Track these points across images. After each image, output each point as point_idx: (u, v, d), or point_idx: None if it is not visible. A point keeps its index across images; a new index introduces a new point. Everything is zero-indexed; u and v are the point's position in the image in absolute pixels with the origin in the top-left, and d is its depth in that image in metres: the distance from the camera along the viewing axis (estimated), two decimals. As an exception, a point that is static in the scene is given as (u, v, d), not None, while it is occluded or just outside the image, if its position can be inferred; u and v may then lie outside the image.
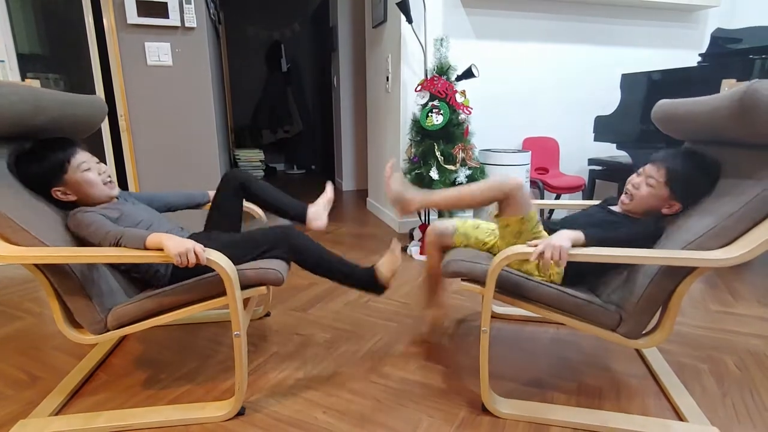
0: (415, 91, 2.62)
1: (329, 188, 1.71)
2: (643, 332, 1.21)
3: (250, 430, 1.22)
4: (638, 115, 2.46)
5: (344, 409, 1.30)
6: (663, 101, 1.45)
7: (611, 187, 3.44)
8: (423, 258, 2.61)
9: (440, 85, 2.52)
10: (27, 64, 2.84)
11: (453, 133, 2.57)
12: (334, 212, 3.86)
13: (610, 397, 1.35)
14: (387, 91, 3.22)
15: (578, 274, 1.29)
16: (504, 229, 1.32)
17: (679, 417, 1.26)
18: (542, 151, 3.31)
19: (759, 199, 1.04)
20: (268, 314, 1.91)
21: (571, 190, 3.11)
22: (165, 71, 2.48)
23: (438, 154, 2.52)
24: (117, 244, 1.13)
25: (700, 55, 2.30)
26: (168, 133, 2.54)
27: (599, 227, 1.34)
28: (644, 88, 2.43)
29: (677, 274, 1.11)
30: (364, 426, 1.23)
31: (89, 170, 1.27)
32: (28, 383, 1.43)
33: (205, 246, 1.16)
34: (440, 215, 1.57)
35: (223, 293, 1.18)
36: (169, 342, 1.69)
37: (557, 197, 3.36)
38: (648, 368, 1.50)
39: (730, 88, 1.51)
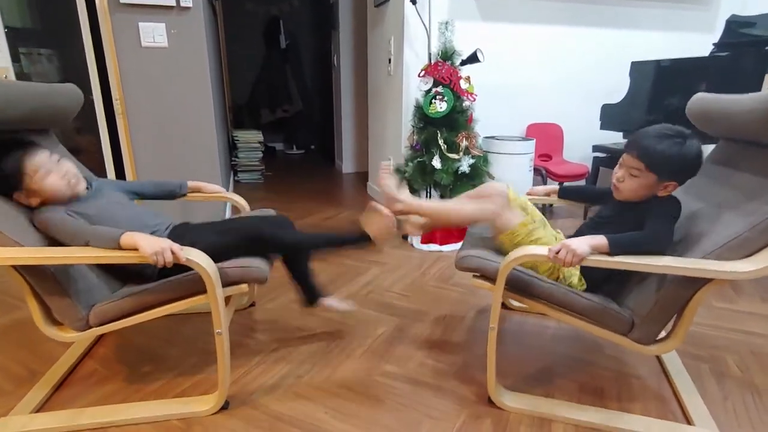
0: (419, 76, 2.54)
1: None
2: (657, 338, 1.20)
3: (237, 424, 1.22)
4: (647, 104, 2.40)
5: (345, 410, 1.30)
6: (699, 95, 1.37)
7: (615, 175, 3.40)
8: (425, 247, 2.59)
9: (444, 71, 2.45)
10: (18, 38, 2.75)
11: (456, 120, 2.51)
12: (333, 196, 3.82)
13: (614, 396, 1.35)
14: (389, 73, 3.14)
15: (605, 279, 1.27)
16: (502, 243, 1.36)
17: (687, 420, 1.26)
18: (546, 138, 3.25)
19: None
20: (253, 304, 1.90)
21: (574, 178, 3.07)
22: (160, 53, 2.40)
23: (441, 142, 2.47)
24: (87, 245, 1.11)
25: (714, 44, 2.23)
26: (164, 116, 2.48)
27: (622, 224, 1.30)
28: (654, 77, 2.36)
29: (694, 283, 1.09)
30: (366, 426, 1.23)
31: (48, 175, 1.18)
32: (28, 378, 1.42)
33: (189, 240, 1.14)
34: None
35: (205, 291, 1.16)
36: (157, 330, 1.68)
37: (561, 185, 3.32)
38: (661, 366, 1.50)
39: None
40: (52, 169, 1.19)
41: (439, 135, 2.48)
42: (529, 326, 1.76)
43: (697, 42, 3.44)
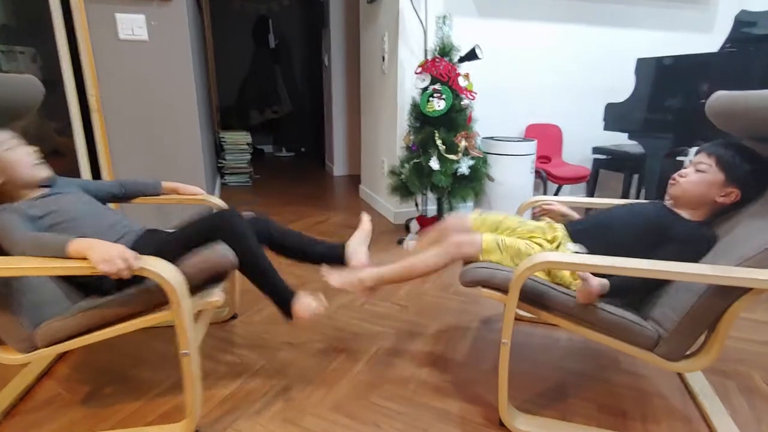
0: (416, 73, 2.42)
1: (365, 219, 1.56)
2: (686, 353, 1.07)
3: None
4: (655, 102, 2.30)
5: (341, 438, 1.15)
6: (720, 93, 1.27)
7: (616, 178, 3.31)
8: (421, 253, 2.46)
9: (442, 67, 2.33)
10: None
11: (455, 119, 2.39)
12: (324, 200, 3.68)
13: (637, 417, 1.23)
14: (383, 72, 3.01)
15: (623, 288, 1.15)
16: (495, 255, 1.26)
17: (717, 448, 1.14)
18: (545, 139, 3.15)
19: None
20: (234, 316, 1.74)
21: (574, 180, 2.97)
22: (140, 47, 2.24)
23: (439, 142, 2.34)
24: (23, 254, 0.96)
25: (728, 40, 2.13)
26: (145, 114, 2.32)
27: (637, 234, 1.21)
28: (662, 74, 2.27)
29: (731, 294, 0.97)
30: (363, 460, 1.09)
31: (14, 149, 1.12)
32: None
33: (155, 248, 0.99)
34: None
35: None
36: (128, 346, 1.52)
37: (559, 188, 3.22)
38: (683, 383, 1.38)
39: None
40: (15, 147, 1.12)
41: (436, 135, 2.35)
42: (538, 338, 1.64)
43: (696, 41, 3.37)
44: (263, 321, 1.73)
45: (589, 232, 1.29)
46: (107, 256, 0.91)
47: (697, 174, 1.18)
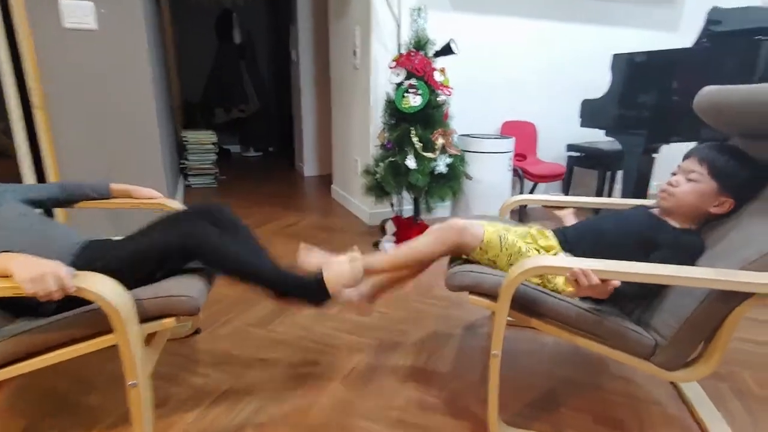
0: (390, 68, 2.31)
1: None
2: (685, 362, 1.01)
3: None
4: (630, 98, 2.28)
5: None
6: (708, 88, 1.22)
7: (590, 176, 3.31)
8: (398, 255, 2.36)
9: (418, 61, 2.23)
10: None
11: (431, 116, 2.30)
12: (295, 201, 3.53)
13: (635, 428, 1.16)
14: (355, 67, 2.90)
15: (614, 295, 1.08)
16: (481, 259, 1.15)
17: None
18: (520, 136, 3.10)
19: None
20: (197, 331, 1.59)
21: (551, 178, 2.94)
22: (88, 36, 2.04)
23: (415, 140, 2.24)
24: None
25: (702, 36, 2.13)
26: (95, 111, 2.12)
27: (627, 243, 1.15)
28: (637, 70, 2.24)
29: (733, 298, 0.91)
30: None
31: None
32: None
33: (103, 262, 0.85)
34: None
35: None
36: (74, 369, 1.35)
37: (534, 186, 3.19)
38: (676, 388, 1.32)
39: None
40: None
41: (413, 132, 2.25)
42: (523, 343, 1.56)
43: (666, 40, 3.42)
44: (230, 335, 1.58)
45: (579, 242, 1.22)
46: (36, 273, 0.76)
47: (689, 184, 1.11)
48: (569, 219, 1.45)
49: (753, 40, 1.82)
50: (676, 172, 1.17)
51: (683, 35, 3.42)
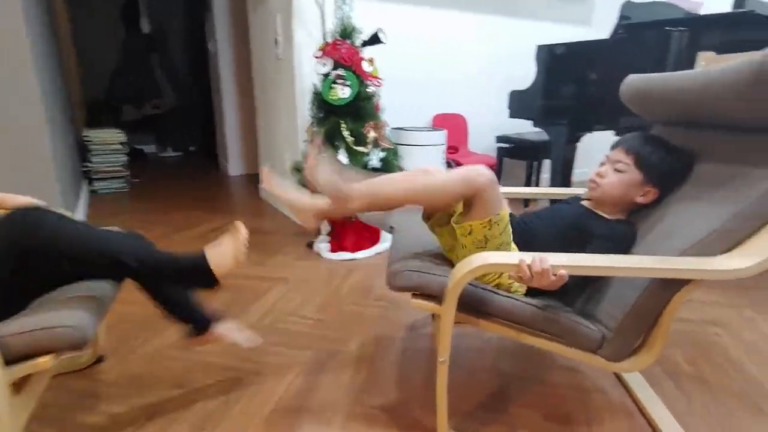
0: (315, 57, 2.17)
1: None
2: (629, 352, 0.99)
3: None
4: (554, 89, 2.33)
5: None
6: (633, 76, 1.23)
7: (519, 166, 3.38)
8: (334, 256, 2.24)
9: (345, 50, 2.11)
10: None
11: (362, 108, 2.19)
12: (220, 203, 3.27)
13: (582, 421, 1.14)
14: (277, 57, 2.71)
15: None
16: (465, 237, 1.00)
17: (661, 441, 1.09)
18: (451, 129, 3.09)
19: (771, 193, 0.85)
20: (99, 360, 1.37)
21: (483, 169, 2.95)
22: (-54, 16, 1.70)
23: (346, 133, 2.13)
24: None
25: (618, 27, 2.21)
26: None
27: (561, 238, 1.12)
28: (560, 61, 2.29)
29: (673, 284, 0.90)
30: None
31: None
32: None
33: None
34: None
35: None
36: None
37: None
38: (617, 376, 1.33)
39: (707, 62, 1.34)
40: None
41: (343, 125, 2.13)
42: (467, 340, 1.51)
43: (580, 35, 3.58)
44: (143, 360, 1.37)
45: (515, 238, 1.17)
46: None
47: (616, 175, 1.11)
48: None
49: (664, 30, 1.91)
50: (604, 162, 1.16)
51: (597, 30, 3.60)
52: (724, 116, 0.97)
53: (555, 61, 2.34)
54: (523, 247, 1.13)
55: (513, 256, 0.86)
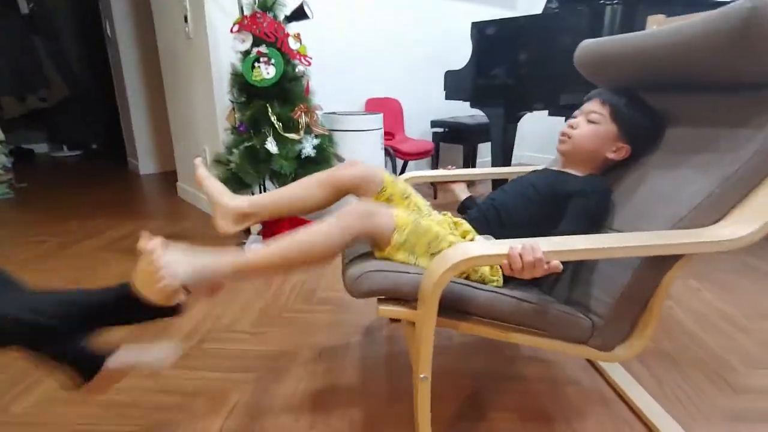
0: (232, 32, 1.90)
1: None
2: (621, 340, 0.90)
3: None
4: (490, 67, 2.25)
5: None
6: (588, 41, 1.15)
7: (456, 150, 3.32)
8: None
9: (266, 25, 1.87)
10: None
11: (290, 90, 1.97)
12: (130, 206, 2.87)
13: (560, 417, 1.05)
14: (188, 36, 2.38)
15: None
16: (397, 257, 0.87)
17: (648, 426, 1.02)
18: (386, 114, 2.94)
19: (760, 156, 0.78)
20: None
21: (421, 155, 2.85)
22: None
23: (274, 119, 1.89)
24: None
25: (550, 1, 2.18)
26: None
27: (535, 207, 1.03)
28: (495, 38, 2.22)
29: (666, 261, 0.81)
30: None
31: None
32: None
33: None
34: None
35: None
36: None
37: (405, 164, 3.07)
38: (589, 362, 1.26)
39: (659, 24, 1.29)
40: None
41: (270, 110, 1.89)
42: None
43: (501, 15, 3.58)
44: (29, 413, 1.08)
45: (486, 219, 1.06)
46: None
47: (589, 126, 1.05)
48: (463, 193, 1.31)
49: (598, 4, 1.89)
50: (576, 114, 1.09)
51: (522, 11, 3.62)
52: (698, 74, 0.90)
53: (488, 38, 2.26)
54: (498, 227, 1.02)
55: (500, 245, 0.72)
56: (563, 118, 2.92)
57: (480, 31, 2.28)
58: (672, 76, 0.97)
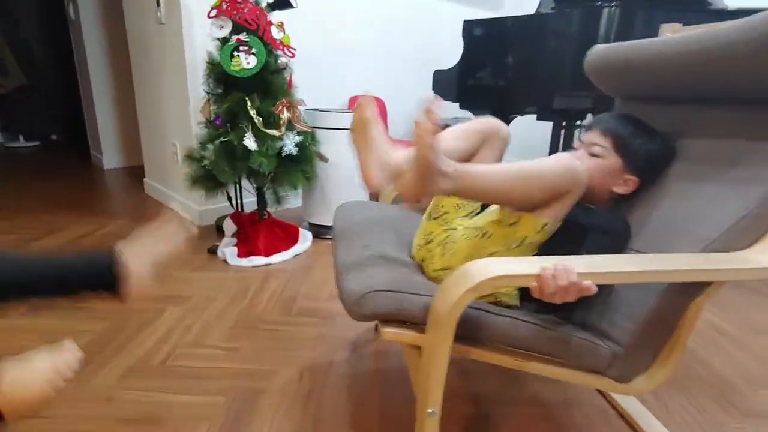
0: (209, 17, 1.75)
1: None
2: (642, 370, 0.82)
3: None
4: (485, 67, 2.17)
5: None
6: (600, 46, 1.06)
7: (440, 152, 3.24)
8: (244, 262, 1.85)
9: (248, 10, 1.72)
10: None
11: (272, 83, 1.83)
12: (92, 203, 2.66)
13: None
14: (159, 21, 2.21)
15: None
16: (501, 227, 0.80)
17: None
18: (370, 113, 2.83)
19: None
20: None
21: (406, 157, 2.74)
22: None
23: (253, 113, 1.75)
24: None
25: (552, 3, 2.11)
26: None
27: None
28: (491, 37, 2.14)
29: (696, 286, 0.73)
30: None
31: None
32: None
33: None
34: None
35: None
36: None
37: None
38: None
39: (674, 32, 1.21)
40: None
41: (249, 104, 1.75)
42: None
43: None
44: None
45: None
46: None
47: (592, 160, 0.93)
48: None
49: (595, 6, 1.83)
50: (577, 146, 0.99)
51: (508, 11, 3.58)
52: (726, 85, 0.83)
53: (480, 37, 2.18)
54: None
55: (529, 263, 0.62)
56: (550, 123, 2.88)
57: (472, 29, 2.20)
58: (694, 86, 0.89)
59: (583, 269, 0.60)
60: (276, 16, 1.88)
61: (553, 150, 2.87)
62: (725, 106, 0.87)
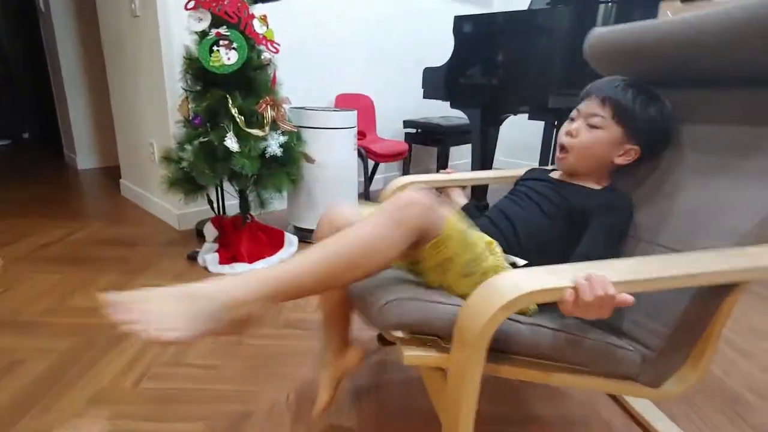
0: (186, 9, 1.64)
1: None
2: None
3: None
4: (477, 65, 2.10)
5: None
6: (601, 29, 1.00)
7: (429, 153, 3.17)
8: (227, 269, 1.75)
9: (228, 2, 1.62)
10: None
11: (254, 80, 1.73)
12: (65, 205, 2.51)
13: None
14: (134, 14, 2.08)
15: None
16: (432, 272, 0.70)
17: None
18: (358, 112, 2.74)
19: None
20: None
21: (395, 157, 2.66)
22: None
23: (235, 111, 1.65)
24: None
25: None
26: None
27: (553, 225, 0.88)
28: (483, 33, 2.07)
29: (728, 286, 0.68)
30: None
31: None
32: None
33: None
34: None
35: None
36: None
37: (376, 166, 2.88)
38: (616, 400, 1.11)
39: (674, 11, 1.16)
40: None
41: (230, 102, 1.65)
42: (409, 374, 1.19)
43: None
44: None
45: (502, 234, 0.89)
46: None
47: (591, 133, 0.89)
48: (461, 199, 1.15)
49: (591, 1, 1.77)
50: (574, 117, 0.94)
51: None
52: (740, 68, 0.77)
53: (472, 34, 2.11)
54: (516, 244, 0.86)
55: (561, 274, 0.55)
56: (542, 123, 2.83)
57: (463, 25, 2.12)
58: (705, 69, 0.83)
59: (616, 278, 0.54)
60: (259, 9, 1.78)
61: (545, 149, 2.82)
62: (739, 88, 0.81)
